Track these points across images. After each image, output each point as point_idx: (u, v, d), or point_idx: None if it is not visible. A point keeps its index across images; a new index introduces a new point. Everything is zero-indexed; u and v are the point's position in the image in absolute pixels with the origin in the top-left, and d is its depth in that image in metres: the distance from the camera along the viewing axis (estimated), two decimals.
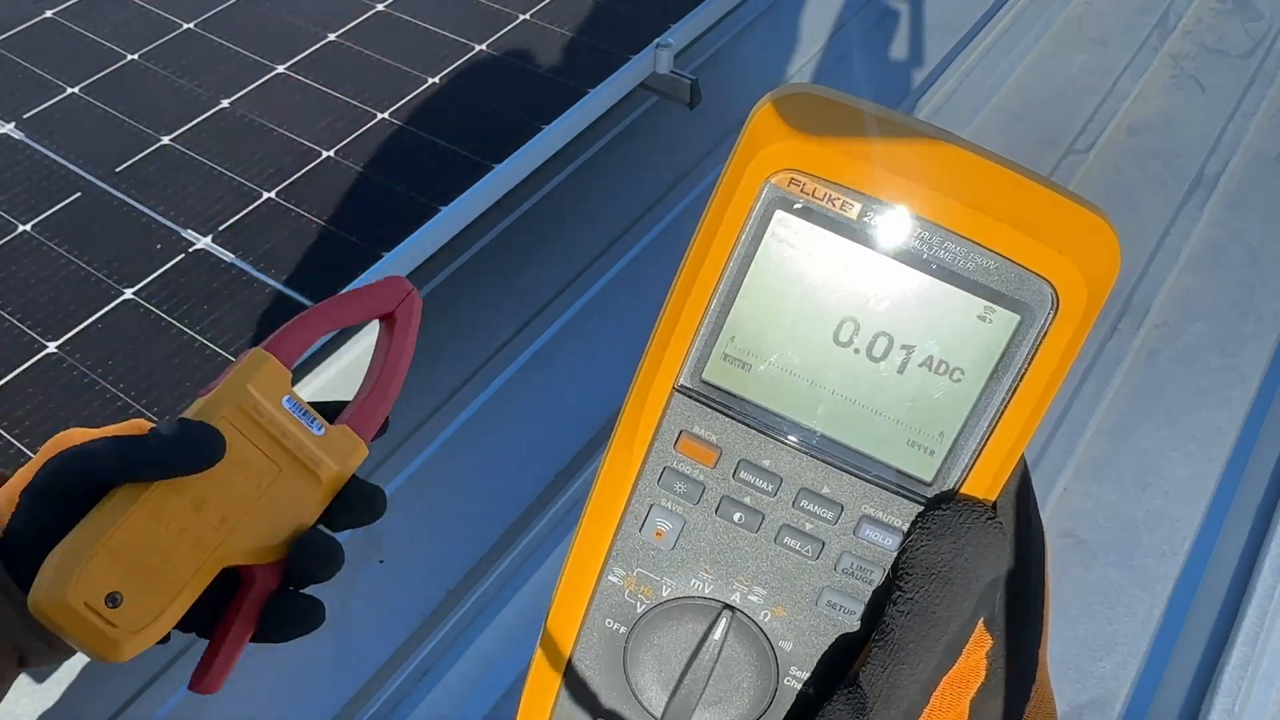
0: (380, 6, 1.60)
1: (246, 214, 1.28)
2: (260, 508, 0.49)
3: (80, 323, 1.16)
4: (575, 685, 0.33)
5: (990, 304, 0.28)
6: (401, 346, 0.59)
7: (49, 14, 1.60)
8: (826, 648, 0.31)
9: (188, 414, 0.50)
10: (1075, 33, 1.77)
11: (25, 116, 1.43)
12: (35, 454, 0.42)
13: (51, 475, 0.44)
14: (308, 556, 0.50)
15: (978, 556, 0.27)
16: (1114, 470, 1.22)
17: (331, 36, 1.55)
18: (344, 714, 1.03)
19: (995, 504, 0.29)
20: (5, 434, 1.06)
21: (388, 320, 0.58)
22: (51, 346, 1.14)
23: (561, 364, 1.32)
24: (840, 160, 0.28)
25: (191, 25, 1.57)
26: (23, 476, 0.47)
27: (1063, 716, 1.03)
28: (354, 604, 1.10)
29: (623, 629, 0.32)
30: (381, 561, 1.14)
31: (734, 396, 0.30)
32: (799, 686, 0.31)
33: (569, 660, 0.33)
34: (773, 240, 0.29)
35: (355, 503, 0.53)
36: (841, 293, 0.29)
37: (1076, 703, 1.04)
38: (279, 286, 1.20)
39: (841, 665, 0.31)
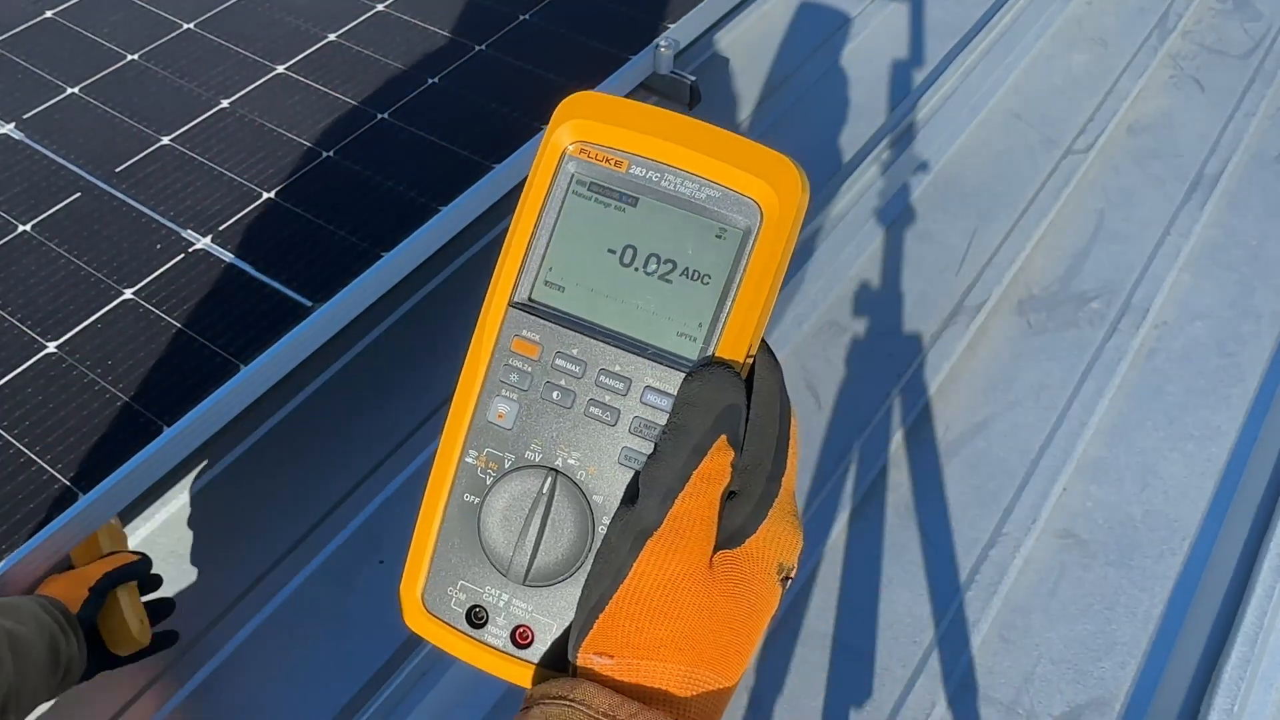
0: (380, 6, 1.60)
1: (246, 214, 1.28)
2: None
3: (80, 322, 1.16)
4: (443, 554, 0.41)
5: (721, 225, 0.40)
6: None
7: (49, 14, 1.60)
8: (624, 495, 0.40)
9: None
10: (1075, 33, 1.77)
11: (25, 116, 1.43)
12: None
13: (108, 578, 0.96)
14: None
15: (716, 388, 0.38)
16: (1114, 470, 1.22)
17: (331, 36, 1.55)
18: (344, 714, 1.03)
19: (743, 372, 0.39)
20: (5, 434, 1.06)
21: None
22: (51, 346, 1.14)
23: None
24: (610, 131, 0.41)
25: (191, 25, 1.57)
26: (74, 580, 0.96)
27: (1062, 716, 1.03)
28: (354, 604, 1.10)
29: (476, 500, 0.40)
30: (381, 561, 1.14)
31: (552, 308, 0.41)
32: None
33: (436, 535, 0.41)
34: (573, 195, 0.41)
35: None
36: (622, 227, 0.40)
37: (1076, 702, 1.04)
38: (279, 286, 1.20)
39: None
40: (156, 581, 1.04)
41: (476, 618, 0.40)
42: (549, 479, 0.39)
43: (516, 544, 0.39)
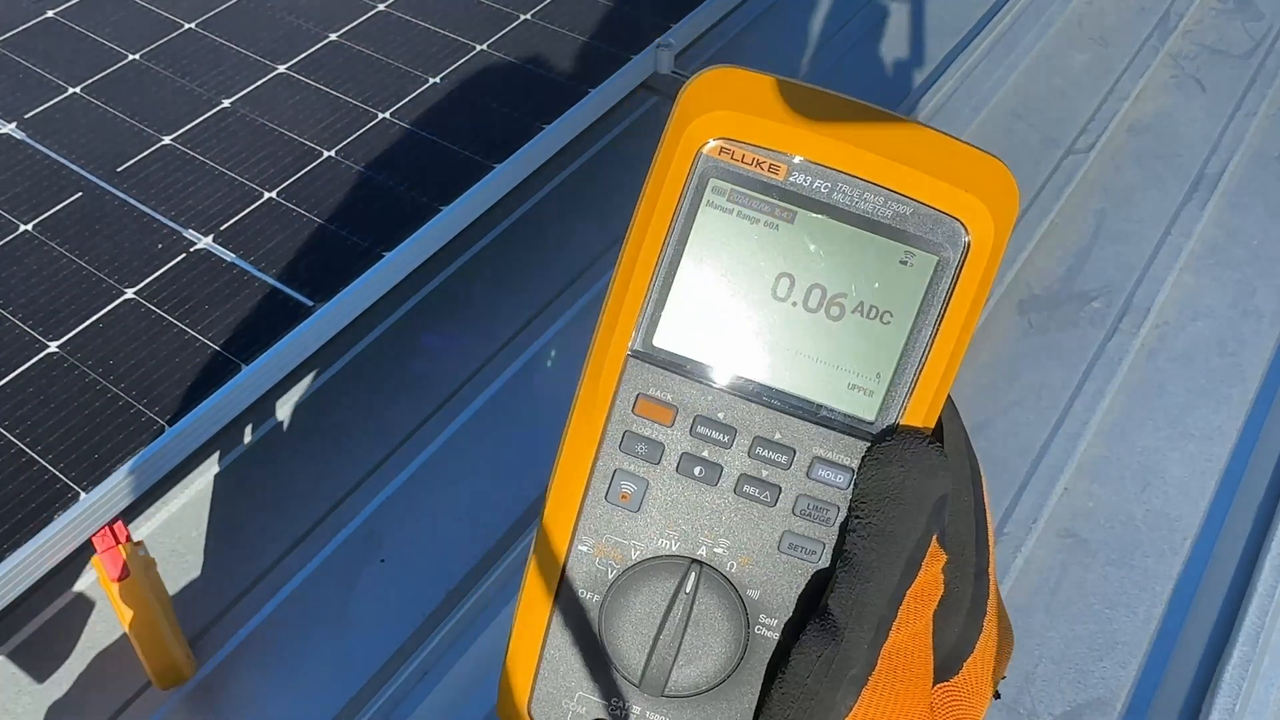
0: (380, 6, 1.60)
1: (247, 214, 1.28)
2: None
3: (81, 323, 1.16)
4: (554, 660, 0.34)
5: (910, 248, 0.31)
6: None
7: (50, 14, 1.60)
8: (792, 592, 0.32)
9: None
10: (1075, 33, 1.77)
11: (26, 116, 1.43)
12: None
13: None
14: None
15: (924, 476, 0.30)
16: (1114, 470, 1.22)
17: (332, 36, 1.55)
18: (344, 714, 1.03)
19: (932, 433, 0.32)
20: (6, 434, 1.06)
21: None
22: (52, 346, 1.14)
23: (563, 361, 1.32)
24: (763, 126, 0.31)
25: (192, 25, 1.57)
26: None
27: (1063, 716, 1.03)
28: (354, 604, 1.10)
29: (596, 597, 0.33)
30: (382, 561, 1.14)
31: (685, 358, 0.32)
32: (770, 634, 0.32)
33: (545, 636, 0.34)
34: (709, 207, 0.31)
35: None
36: (776, 250, 0.31)
37: (1077, 702, 1.04)
38: (280, 286, 1.20)
39: (809, 607, 0.32)
40: None
41: None
42: (691, 573, 0.32)
43: (651, 649, 0.32)
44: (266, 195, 1.31)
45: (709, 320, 0.32)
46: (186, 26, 1.57)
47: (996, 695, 0.34)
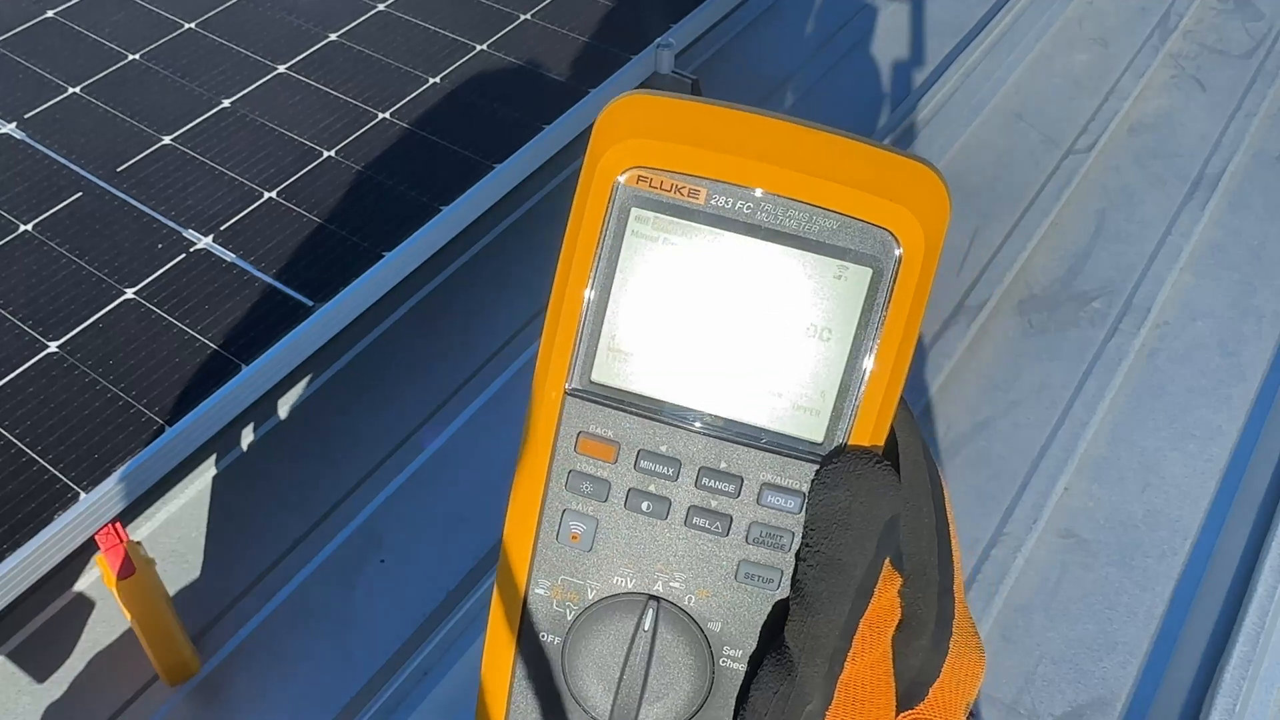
0: (380, 6, 1.60)
1: (247, 214, 1.28)
2: None
3: (81, 322, 1.16)
4: (521, 706, 0.33)
5: (842, 262, 0.30)
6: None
7: (50, 14, 1.60)
8: (755, 622, 0.31)
9: None
10: (1076, 33, 1.77)
11: (26, 116, 1.43)
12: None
13: None
14: None
15: (872, 499, 0.29)
16: (1114, 470, 1.22)
17: (332, 36, 1.55)
18: (344, 714, 1.03)
19: (883, 450, 0.30)
20: (6, 434, 1.06)
21: None
22: (52, 346, 1.14)
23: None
24: (677, 151, 0.30)
25: (192, 25, 1.57)
26: None
27: (1063, 716, 1.03)
28: (354, 604, 1.10)
29: (557, 640, 0.32)
30: (382, 561, 1.14)
31: (623, 391, 0.31)
32: (735, 666, 0.31)
33: (510, 682, 0.33)
34: (633, 237, 0.30)
35: None
36: (706, 276, 0.30)
37: (1077, 703, 1.04)
38: (279, 286, 1.20)
39: (772, 637, 0.31)
40: None
41: None
42: (649, 609, 0.31)
43: (617, 690, 0.31)
44: (266, 195, 1.31)
45: (644, 351, 0.31)
46: (186, 26, 1.57)
47: (972, 716, 0.32)
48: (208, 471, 1.20)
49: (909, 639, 0.30)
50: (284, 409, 1.26)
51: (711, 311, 0.30)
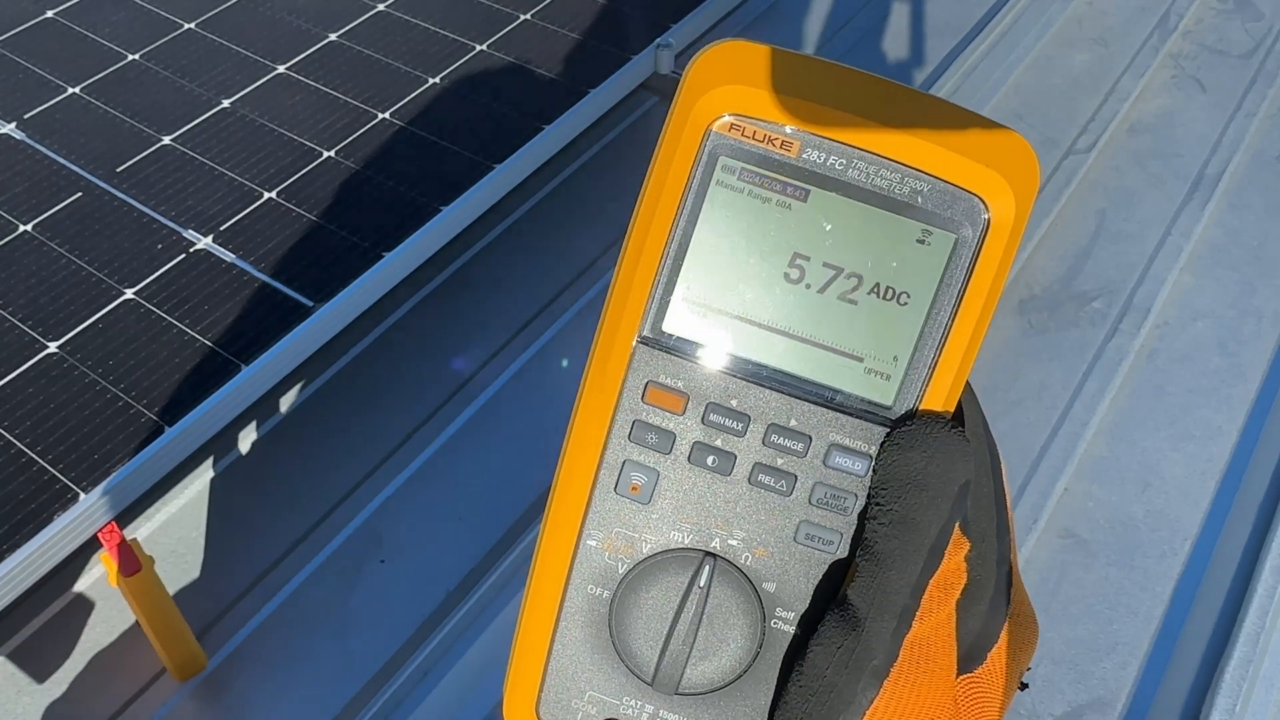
0: (380, 6, 1.60)
1: (247, 214, 1.28)
2: None
3: (81, 323, 1.16)
4: (562, 659, 0.32)
5: (927, 226, 0.30)
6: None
7: (49, 14, 1.60)
8: (809, 584, 0.31)
9: None
10: (1075, 33, 1.77)
11: (26, 116, 1.43)
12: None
13: None
14: None
15: (948, 462, 0.29)
16: (1114, 470, 1.22)
17: (332, 36, 1.55)
18: (344, 714, 1.03)
19: (954, 417, 0.31)
20: (6, 434, 1.06)
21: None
22: (52, 346, 1.14)
23: (563, 362, 1.32)
24: (775, 101, 0.29)
25: (191, 25, 1.57)
26: None
27: (1063, 717, 1.03)
28: (354, 604, 1.10)
29: (606, 593, 0.32)
30: (382, 561, 1.14)
31: (696, 343, 0.31)
32: (786, 628, 0.31)
33: (553, 634, 0.32)
34: (719, 187, 0.30)
35: None
36: (789, 230, 0.30)
37: (1077, 703, 1.04)
38: (279, 286, 1.20)
39: (826, 600, 0.31)
40: None
41: None
42: (705, 566, 0.31)
43: (664, 646, 0.31)
44: (266, 195, 1.31)
45: (720, 304, 0.31)
46: (186, 27, 1.57)
47: (1023, 686, 0.33)
48: (207, 471, 1.20)
49: (971, 604, 0.30)
50: (284, 409, 1.26)
51: (791, 268, 0.30)
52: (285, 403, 1.26)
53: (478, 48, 1.52)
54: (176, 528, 1.16)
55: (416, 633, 1.08)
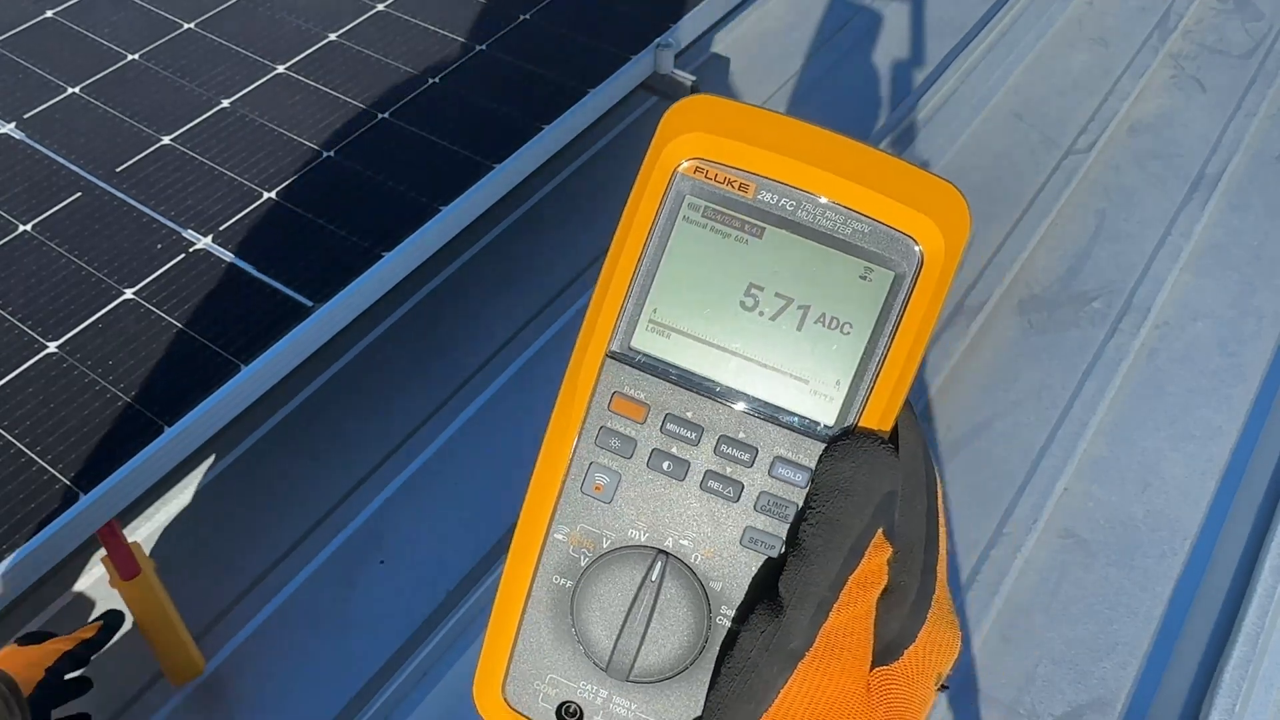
0: (380, 6, 1.60)
1: (246, 214, 1.28)
2: None
3: (80, 322, 1.16)
4: (528, 644, 0.36)
5: (869, 264, 0.33)
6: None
7: (49, 14, 1.60)
8: (751, 584, 0.34)
9: None
10: (1075, 33, 1.77)
11: (25, 116, 1.43)
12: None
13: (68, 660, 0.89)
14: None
15: (873, 472, 0.32)
16: (1114, 470, 1.22)
17: (331, 36, 1.54)
18: (344, 714, 1.03)
19: (887, 437, 0.34)
20: (5, 434, 1.06)
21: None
22: (51, 346, 1.14)
23: (562, 363, 1.31)
24: (734, 148, 0.34)
25: (191, 25, 1.57)
26: (31, 659, 0.88)
27: (1063, 716, 1.03)
28: (354, 604, 1.10)
29: (569, 583, 0.35)
30: (382, 562, 1.14)
31: (659, 360, 0.35)
32: (728, 624, 0.34)
33: (521, 620, 0.36)
34: (685, 221, 0.34)
35: None
36: (745, 264, 0.34)
37: (1077, 703, 1.04)
38: (279, 286, 1.20)
39: (764, 596, 0.34)
40: (85, 659, 0.95)
41: (569, 715, 0.35)
42: (658, 562, 0.34)
43: (619, 635, 0.34)
44: (266, 195, 1.31)
45: (682, 326, 0.34)
46: (186, 27, 1.57)
47: (944, 688, 0.35)
48: (208, 471, 1.20)
49: (891, 606, 0.33)
50: (284, 409, 1.26)
51: (746, 297, 0.34)
52: (285, 403, 1.26)
53: (478, 48, 1.52)
54: (176, 528, 1.16)
55: (416, 633, 1.08)
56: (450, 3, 1.60)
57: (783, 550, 0.34)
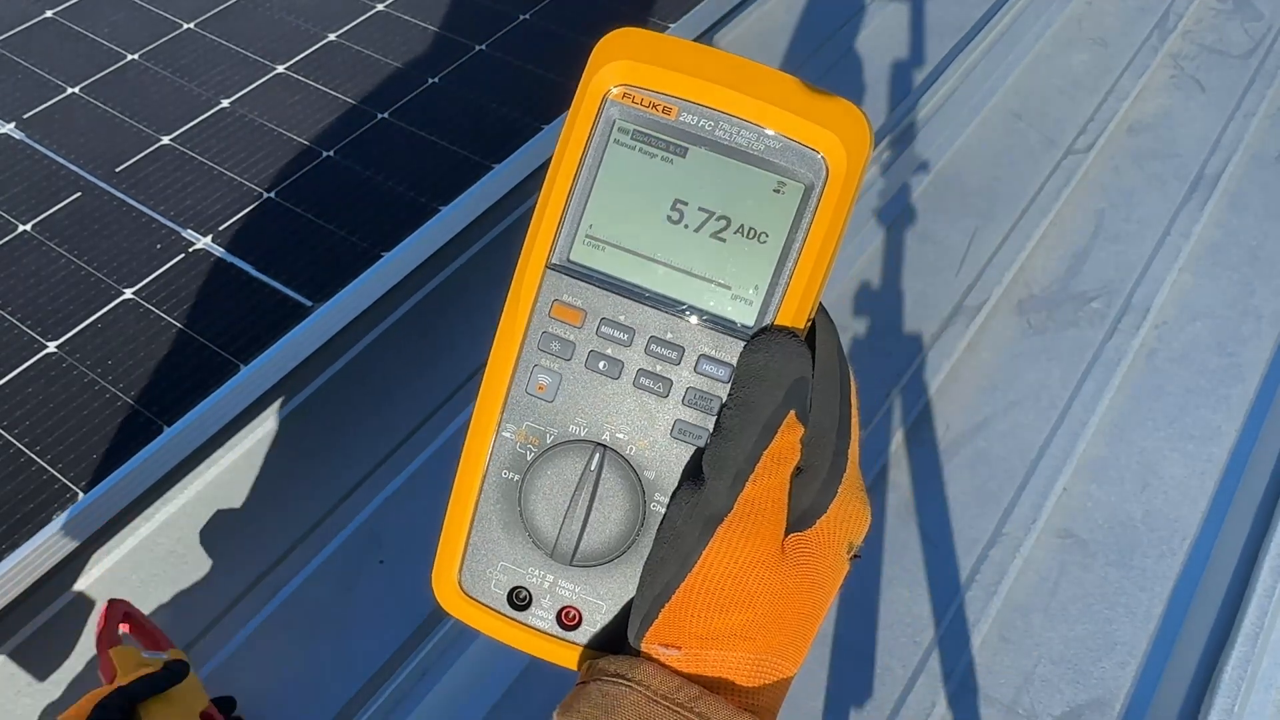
0: (380, 6, 1.60)
1: (246, 214, 1.28)
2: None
3: (80, 322, 1.16)
4: (481, 535, 0.39)
5: (781, 178, 0.36)
6: (149, 625, 0.98)
7: (49, 14, 1.60)
8: (683, 473, 0.37)
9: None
10: (1075, 33, 1.77)
11: (26, 116, 1.43)
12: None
13: (121, 694, 0.86)
14: None
15: (784, 360, 0.36)
16: (1114, 470, 1.22)
17: (331, 36, 1.55)
18: (344, 714, 1.03)
19: (803, 335, 0.37)
20: (5, 434, 1.06)
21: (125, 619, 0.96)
22: (51, 346, 1.14)
23: None
24: (658, 74, 0.37)
25: (191, 25, 1.57)
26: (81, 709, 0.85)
27: (1062, 716, 1.03)
28: (354, 604, 1.10)
29: (516, 477, 0.38)
30: (381, 562, 1.14)
31: (594, 270, 0.37)
32: (660, 510, 0.37)
33: (473, 514, 0.39)
34: (615, 144, 0.37)
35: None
36: (670, 181, 0.37)
37: (1076, 702, 1.04)
38: (279, 286, 1.20)
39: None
40: (178, 673, 0.91)
41: (519, 599, 0.38)
42: (596, 454, 0.37)
43: (562, 523, 0.37)
44: (266, 195, 1.31)
45: (615, 239, 0.37)
46: (186, 26, 1.57)
47: (856, 556, 0.38)
48: (208, 471, 1.20)
49: (805, 482, 0.36)
50: (283, 409, 1.26)
51: (672, 211, 0.37)
52: (285, 403, 1.26)
53: (478, 48, 1.52)
54: (176, 528, 1.16)
55: (416, 632, 1.08)
56: (450, 3, 1.60)
57: (706, 442, 0.37)
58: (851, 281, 1.41)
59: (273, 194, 1.31)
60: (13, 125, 1.42)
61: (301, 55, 1.51)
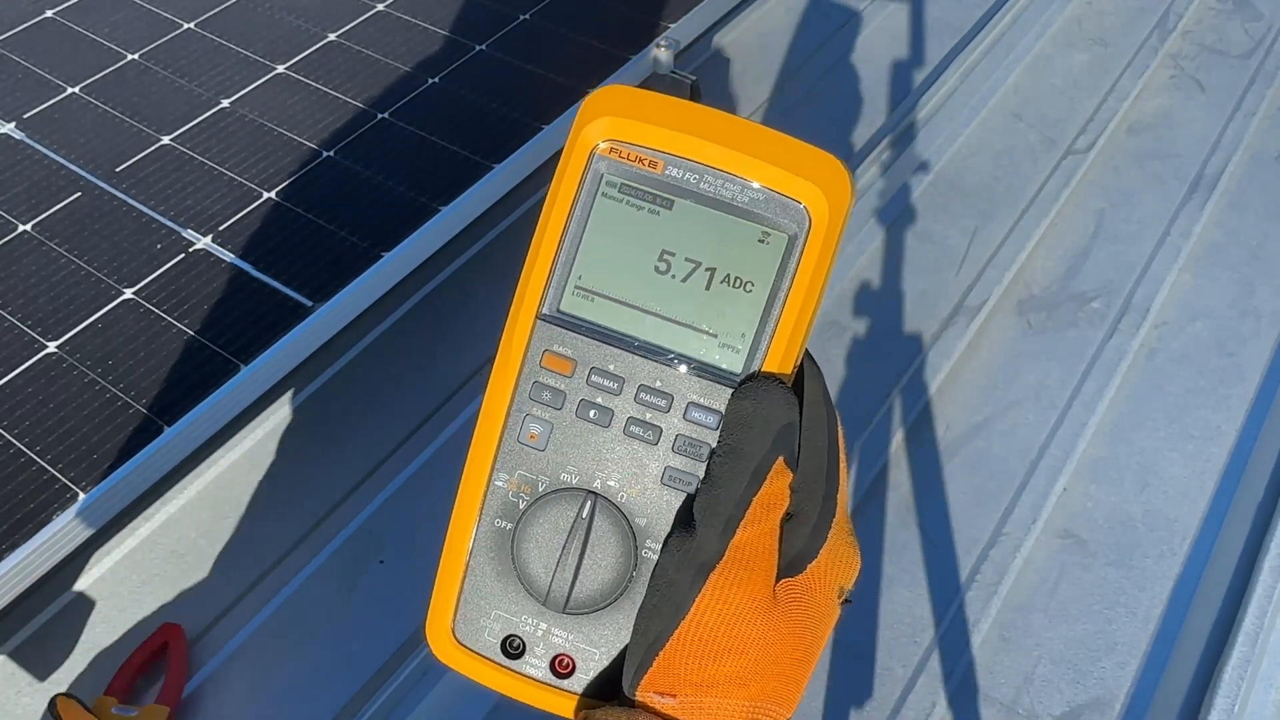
0: (380, 6, 1.60)
1: (246, 214, 1.28)
2: None
3: (80, 323, 1.16)
4: (474, 583, 0.39)
5: (766, 228, 0.37)
6: (180, 663, 0.97)
7: (49, 14, 1.60)
8: (675, 519, 0.38)
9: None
10: (1075, 33, 1.77)
11: (25, 116, 1.43)
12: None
13: None
14: None
15: (772, 407, 0.36)
16: (1114, 470, 1.22)
17: (331, 36, 1.55)
18: (344, 714, 1.03)
19: (790, 382, 0.38)
20: (5, 434, 1.06)
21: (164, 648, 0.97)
22: (51, 346, 1.14)
23: None
24: (644, 129, 0.38)
25: (191, 25, 1.57)
26: None
27: (1062, 716, 1.03)
28: (354, 604, 1.10)
29: (509, 526, 0.39)
30: (382, 562, 1.14)
31: (584, 320, 0.38)
32: (653, 556, 0.38)
33: (468, 560, 0.39)
34: (603, 197, 0.38)
35: None
36: (657, 233, 0.38)
37: (1076, 703, 1.04)
38: (279, 286, 1.20)
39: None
40: None
41: (513, 648, 0.39)
42: (587, 502, 0.37)
43: (555, 571, 0.37)
44: (266, 195, 1.31)
45: (604, 289, 0.38)
46: (186, 26, 1.57)
47: (847, 601, 0.38)
48: (208, 472, 1.20)
49: (795, 527, 0.37)
50: (284, 409, 1.26)
51: (660, 262, 0.38)
52: (285, 403, 1.26)
53: (478, 48, 1.52)
54: (176, 528, 1.16)
55: (416, 632, 1.08)
56: (450, 3, 1.60)
57: (696, 489, 0.37)
58: (851, 281, 1.41)
59: (273, 194, 1.31)
60: (13, 125, 1.42)
61: (302, 55, 1.51)
